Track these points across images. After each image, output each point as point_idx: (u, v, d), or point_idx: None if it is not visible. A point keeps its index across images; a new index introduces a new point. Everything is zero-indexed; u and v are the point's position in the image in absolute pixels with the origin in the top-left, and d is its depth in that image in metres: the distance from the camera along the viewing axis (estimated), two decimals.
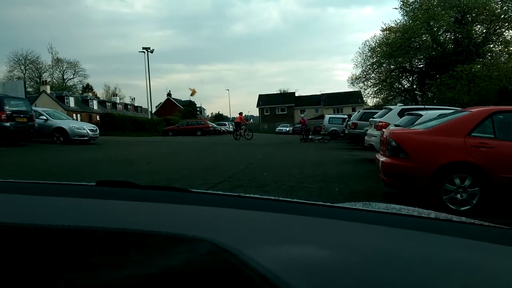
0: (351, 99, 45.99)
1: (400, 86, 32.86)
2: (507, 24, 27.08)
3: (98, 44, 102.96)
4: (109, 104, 55.12)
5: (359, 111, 17.25)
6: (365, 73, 32.12)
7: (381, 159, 4.95)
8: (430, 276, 0.48)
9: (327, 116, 26.35)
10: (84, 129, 14.85)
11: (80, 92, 58.98)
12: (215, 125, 39.12)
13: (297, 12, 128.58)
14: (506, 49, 26.80)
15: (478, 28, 28.52)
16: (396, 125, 8.05)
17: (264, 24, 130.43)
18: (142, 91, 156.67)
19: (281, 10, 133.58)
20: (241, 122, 22.80)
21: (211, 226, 0.65)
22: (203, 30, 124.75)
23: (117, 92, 66.24)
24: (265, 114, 65.23)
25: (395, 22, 29.95)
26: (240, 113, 23.97)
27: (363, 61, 32.48)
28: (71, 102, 46.45)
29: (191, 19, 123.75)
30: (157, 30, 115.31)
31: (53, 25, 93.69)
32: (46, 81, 50.29)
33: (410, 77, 32.72)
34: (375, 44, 31.53)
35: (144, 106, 55.55)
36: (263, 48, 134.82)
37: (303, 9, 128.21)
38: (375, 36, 41.34)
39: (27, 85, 39.96)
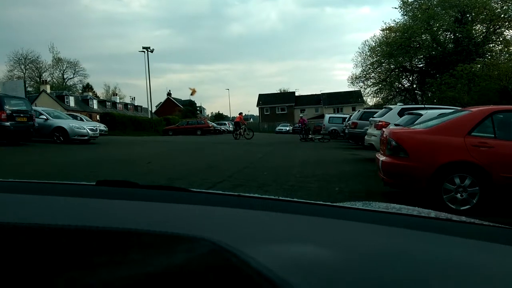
0: (351, 98, 45.79)
1: (400, 85, 32.84)
2: (507, 23, 27.06)
3: (97, 44, 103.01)
4: (109, 103, 55.10)
5: (359, 110, 17.24)
6: (365, 73, 32.11)
7: (381, 159, 4.95)
8: (430, 275, 0.48)
9: (327, 116, 26.34)
10: (84, 129, 14.85)
11: (80, 91, 58.95)
12: (215, 125, 39.10)
13: (295, 12, 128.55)
14: (506, 49, 26.79)
15: (478, 27, 28.50)
16: (396, 125, 8.05)
17: (262, 24, 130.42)
18: (142, 91, 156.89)
19: (279, 10, 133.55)
20: (240, 122, 22.93)
21: (211, 225, 0.65)
22: (201, 30, 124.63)
23: (117, 92, 66.35)
24: (265, 113, 65.22)
25: (394, 22, 29.97)
26: (240, 113, 24.30)
27: (363, 60, 32.47)
28: (71, 101, 46.44)
29: (188, 19, 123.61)
30: (155, 30, 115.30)
31: (52, 24, 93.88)
32: (46, 80, 50.31)
33: (410, 77, 32.71)
34: (375, 43, 31.54)
35: (144, 105, 55.59)
36: (261, 48, 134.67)
37: (300, 9, 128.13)
38: (374, 35, 41.38)
39: (27, 85, 39.93)
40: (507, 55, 25.85)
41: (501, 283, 0.51)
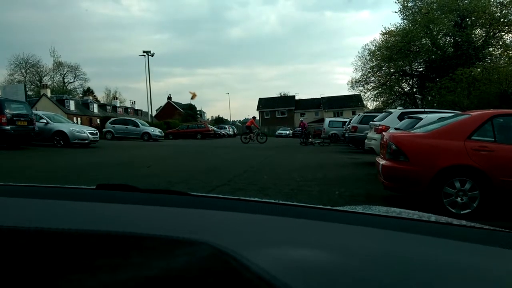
0: (351, 102, 45.81)
1: (400, 89, 32.87)
2: (506, 27, 27.13)
3: (97, 48, 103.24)
4: (110, 107, 55.18)
5: (359, 114, 17.25)
6: (365, 77, 32.15)
7: (381, 163, 4.95)
8: (430, 279, 0.48)
9: (327, 120, 26.34)
10: (84, 133, 14.87)
11: (80, 95, 59.05)
12: (215, 129, 39.13)
13: (295, 16, 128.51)
14: (505, 53, 26.83)
15: (477, 31, 28.56)
16: (396, 129, 8.06)
17: (262, 28, 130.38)
18: (142, 95, 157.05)
19: (279, 14, 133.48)
20: (252, 126, 22.90)
21: (211, 229, 0.65)
22: (200, 33, 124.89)
23: (117, 96, 66.50)
24: (265, 117, 65.24)
25: (394, 26, 30.07)
26: (254, 117, 24.55)
27: (362, 64, 32.54)
28: (72, 105, 46.49)
29: (188, 23, 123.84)
30: (155, 34, 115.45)
31: (53, 28, 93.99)
32: (46, 84, 50.29)
33: (410, 81, 32.74)
34: (374, 47, 31.61)
35: (145, 109, 55.68)
36: (261, 52, 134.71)
37: (300, 13, 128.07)
38: (374, 39, 41.47)
39: (27, 89, 40.06)
40: (506, 59, 25.88)
41: (502, 286, 0.51)
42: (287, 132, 46.80)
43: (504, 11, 26.94)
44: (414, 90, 32.49)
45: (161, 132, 25.82)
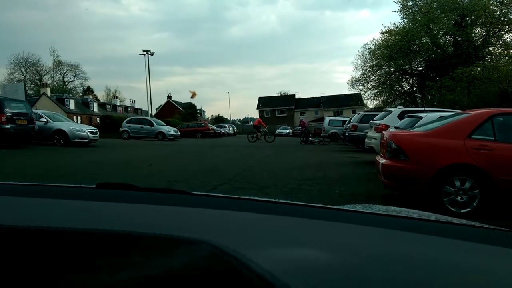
0: (351, 101, 45.70)
1: (400, 88, 32.86)
2: (506, 27, 27.11)
3: (97, 47, 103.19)
4: (109, 106, 55.17)
5: (359, 113, 17.24)
6: (365, 76, 32.16)
7: (381, 162, 4.95)
8: (430, 278, 0.48)
9: (327, 119, 26.31)
10: (84, 132, 14.86)
11: (80, 94, 59.05)
12: (215, 128, 39.12)
13: (294, 15, 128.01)
14: (505, 52, 26.81)
15: (477, 31, 28.55)
16: (396, 127, 8.06)
17: (262, 28, 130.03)
18: (142, 94, 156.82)
19: (279, 14, 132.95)
20: (260, 125, 22.97)
21: (211, 228, 0.65)
22: (200, 33, 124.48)
23: (117, 95, 66.41)
24: (265, 116, 65.13)
25: (394, 25, 30.04)
26: (261, 116, 24.52)
27: (362, 63, 32.54)
28: (72, 104, 46.48)
29: (188, 22, 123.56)
30: (154, 33, 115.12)
31: (53, 27, 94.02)
32: (46, 83, 50.31)
33: (410, 80, 32.73)
34: (374, 47, 31.60)
35: (145, 108, 55.55)
36: (261, 51, 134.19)
37: (300, 12, 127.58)
38: (374, 39, 41.38)
39: (27, 88, 39.98)
40: (506, 58, 25.87)
41: (502, 286, 0.51)
42: (287, 131, 46.82)
43: (504, 10, 26.93)
44: (414, 89, 32.48)
45: (177, 131, 25.28)
